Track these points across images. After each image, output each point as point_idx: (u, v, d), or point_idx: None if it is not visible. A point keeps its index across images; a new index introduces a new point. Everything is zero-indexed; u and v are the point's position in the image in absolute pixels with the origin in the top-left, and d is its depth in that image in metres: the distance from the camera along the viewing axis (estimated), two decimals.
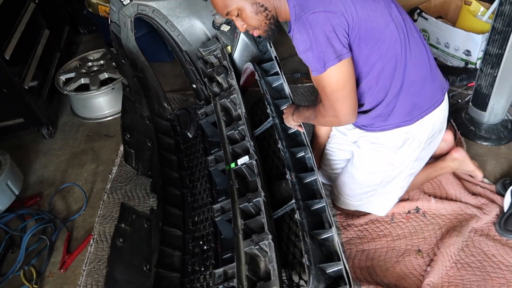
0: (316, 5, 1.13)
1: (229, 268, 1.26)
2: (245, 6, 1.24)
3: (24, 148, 2.40)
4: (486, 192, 1.75)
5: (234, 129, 1.62)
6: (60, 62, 2.71)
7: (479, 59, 2.28)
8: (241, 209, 1.36)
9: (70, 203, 2.05)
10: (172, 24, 1.96)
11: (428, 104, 1.35)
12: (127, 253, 1.25)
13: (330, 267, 1.14)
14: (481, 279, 1.48)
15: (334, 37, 1.13)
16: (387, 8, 1.20)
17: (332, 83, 1.18)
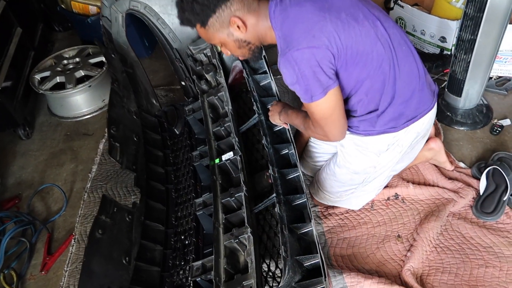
0: (299, 41, 1.14)
1: (208, 261, 1.26)
2: (227, 41, 1.27)
3: (0, 150, 2.35)
4: (462, 176, 1.79)
5: (220, 126, 1.63)
6: (34, 61, 2.65)
7: (454, 45, 2.30)
8: (223, 203, 1.37)
9: (49, 204, 2.02)
10: (164, 22, 1.96)
11: (414, 113, 1.36)
12: (106, 245, 1.24)
13: (307, 260, 1.15)
14: (461, 261, 1.51)
15: (320, 71, 1.15)
16: (372, 29, 1.20)
17: (319, 111, 1.23)
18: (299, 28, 1.15)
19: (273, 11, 1.21)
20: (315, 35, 1.13)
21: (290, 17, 1.18)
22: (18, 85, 2.42)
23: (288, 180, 1.38)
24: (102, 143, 2.27)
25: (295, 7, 1.18)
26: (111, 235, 1.26)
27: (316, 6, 1.17)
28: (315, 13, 1.15)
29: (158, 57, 2.87)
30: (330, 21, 1.14)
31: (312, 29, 1.14)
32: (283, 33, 1.19)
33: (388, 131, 1.38)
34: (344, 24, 1.15)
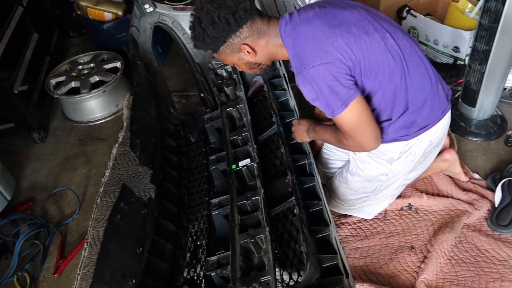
0: (313, 58, 1.16)
1: (223, 257, 1.29)
2: (239, 63, 1.32)
3: (15, 153, 2.38)
4: (476, 188, 1.77)
5: (238, 135, 1.68)
6: (50, 66, 2.69)
7: (468, 55, 2.30)
8: (239, 206, 1.39)
9: (63, 208, 2.04)
10: (189, 37, 2.00)
11: (426, 121, 1.36)
12: (123, 231, 1.26)
13: (327, 260, 1.17)
14: (476, 275, 1.49)
15: (337, 84, 1.16)
16: (382, 41, 1.21)
17: (346, 123, 1.24)
18: (311, 45, 1.17)
19: (284, 30, 1.23)
20: (327, 51, 1.15)
21: (301, 36, 1.20)
22: (34, 90, 2.46)
23: (305, 188, 1.41)
24: (115, 147, 2.29)
25: (304, 24, 1.20)
26: (127, 222, 1.29)
27: (326, 22, 1.19)
28: (325, 30, 1.17)
29: (171, 64, 2.90)
30: (341, 36, 1.17)
31: (324, 46, 1.16)
32: (296, 52, 1.21)
33: (400, 139, 1.38)
34: (356, 37, 1.17)
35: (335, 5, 1.25)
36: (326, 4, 1.27)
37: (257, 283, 1.14)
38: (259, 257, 1.26)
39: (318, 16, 1.21)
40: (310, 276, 1.14)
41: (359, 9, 1.25)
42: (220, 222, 1.48)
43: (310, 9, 1.25)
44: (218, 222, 1.48)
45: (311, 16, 1.22)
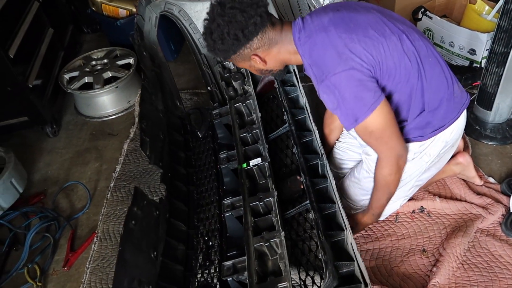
0: (334, 65, 1.15)
1: (238, 262, 1.27)
2: (250, 69, 1.34)
3: (28, 146, 2.40)
4: (491, 192, 1.74)
5: (247, 132, 1.66)
6: (64, 61, 2.71)
7: (484, 58, 2.26)
8: (251, 207, 1.38)
9: (74, 201, 2.05)
10: (195, 27, 1.99)
11: (441, 122, 1.35)
12: (137, 237, 1.25)
13: (344, 267, 1.15)
14: (489, 280, 1.47)
15: (362, 89, 1.15)
16: (399, 42, 1.20)
17: (373, 129, 1.21)
18: (330, 54, 1.16)
19: (298, 38, 1.23)
20: (347, 58, 1.14)
21: (317, 44, 1.18)
22: (47, 84, 2.48)
23: (317, 190, 1.40)
24: (126, 143, 2.29)
25: (320, 32, 1.19)
26: (141, 227, 1.27)
27: (341, 28, 1.17)
28: (342, 36, 1.16)
29: (183, 61, 2.91)
30: (358, 41, 1.15)
31: (343, 53, 1.14)
32: (314, 61, 1.20)
33: (415, 140, 1.36)
34: (373, 40, 1.16)
35: (349, 8, 1.24)
36: (340, 7, 1.25)
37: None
38: (273, 261, 1.25)
39: (333, 21, 1.19)
40: (329, 284, 1.13)
41: (373, 12, 1.24)
42: (232, 223, 1.46)
43: (324, 14, 1.23)
44: (231, 223, 1.46)
45: (325, 22, 1.20)
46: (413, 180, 1.51)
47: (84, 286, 1.67)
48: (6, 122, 2.28)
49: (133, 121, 2.45)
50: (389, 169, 1.31)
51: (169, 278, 1.37)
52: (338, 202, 1.33)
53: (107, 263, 1.74)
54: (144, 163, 2.17)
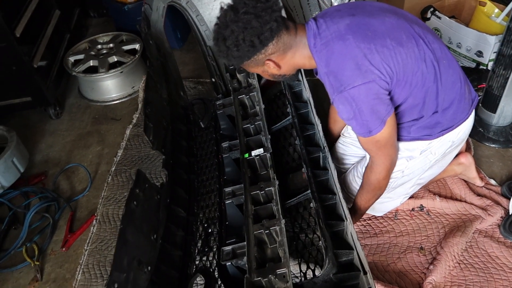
0: (353, 78, 1.14)
1: (238, 247, 1.28)
2: (263, 74, 1.32)
3: (30, 127, 2.40)
4: (491, 194, 1.74)
5: (250, 123, 1.66)
6: (69, 44, 2.70)
7: (491, 60, 2.25)
8: (252, 196, 1.38)
9: (74, 184, 2.06)
10: (202, 19, 1.98)
11: (450, 123, 1.35)
12: (138, 218, 1.25)
13: (343, 255, 1.17)
14: (484, 280, 1.47)
15: (378, 103, 1.16)
16: (416, 48, 1.19)
17: (380, 140, 1.24)
18: (349, 65, 1.14)
19: (314, 44, 1.21)
20: (366, 70, 1.13)
21: (335, 53, 1.16)
22: (52, 66, 2.48)
23: (319, 182, 1.41)
24: (129, 128, 2.29)
25: (338, 41, 1.16)
26: (142, 209, 1.28)
27: (359, 37, 1.15)
28: (360, 46, 1.14)
29: (189, 50, 2.90)
30: (377, 52, 1.14)
31: (362, 65, 1.14)
32: (331, 70, 1.18)
33: (423, 138, 1.36)
34: (391, 50, 1.15)
35: (364, 12, 1.22)
36: (355, 10, 1.22)
37: (273, 275, 1.13)
38: (272, 249, 1.26)
39: (350, 29, 1.17)
40: (328, 271, 1.14)
41: (389, 15, 1.22)
42: (232, 211, 1.46)
43: (339, 18, 1.20)
44: (231, 211, 1.47)
45: (342, 29, 1.17)
46: (415, 178, 1.52)
47: (81, 267, 1.68)
48: (10, 101, 2.27)
49: (136, 107, 2.45)
50: (384, 173, 1.35)
51: (168, 261, 1.38)
52: (338, 193, 1.34)
53: (105, 245, 1.75)
54: (145, 149, 2.18)
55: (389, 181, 1.41)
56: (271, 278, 1.13)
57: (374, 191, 1.42)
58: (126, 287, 1.11)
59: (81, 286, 1.63)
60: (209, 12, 1.99)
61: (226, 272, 1.28)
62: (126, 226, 1.17)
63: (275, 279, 1.13)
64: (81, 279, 1.65)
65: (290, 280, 1.12)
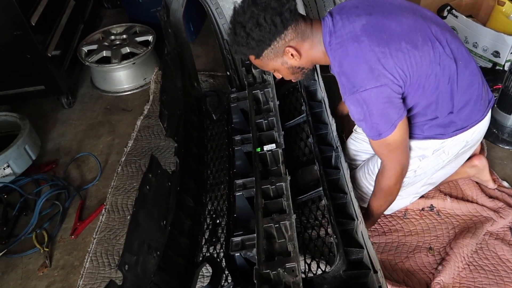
0: (366, 81, 1.13)
1: (247, 239, 1.28)
2: (281, 68, 1.26)
3: (43, 115, 2.43)
4: (504, 196, 1.72)
5: (263, 118, 1.67)
6: (83, 34, 2.72)
7: (508, 61, 2.21)
8: (263, 189, 1.39)
9: (84, 173, 2.07)
10: (221, 12, 1.99)
11: (465, 123, 1.33)
12: (150, 203, 1.26)
13: (353, 254, 1.17)
14: (494, 283, 1.45)
15: (389, 106, 1.16)
16: (432, 51, 1.17)
17: (391, 144, 1.24)
18: (362, 68, 1.14)
19: (329, 42, 1.19)
20: (379, 74, 1.13)
21: (349, 55, 1.15)
22: (66, 55, 2.49)
23: (330, 180, 1.41)
24: (139, 119, 2.30)
25: (353, 43, 1.15)
26: (154, 194, 1.29)
27: (375, 40, 1.14)
28: (375, 50, 1.13)
29: (201, 43, 2.90)
30: (391, 56, 1.13)
31: (376, 69, 1.13)
32: (344, 71, 1.17)
33: (436, 137, 1.35)
34: (405, 54, 1.14)
35: (383, 12, 1.19)
36: (373, 9, 1.19)
37: (282, 268, 1.13)
38: (280, 243, 1.26)
39: (366, 31, 1.15)
40: (339, 267, 1.14)
41: (407, 15, 1.19)
42: (242, 203, 1.47)
43: (355, 16, 1.18)
44: (240, 203, 1.47)
45: (358, 30, 1.15)
46: (426, 177, 1.50)
47: (90, 255, 1.70)
48: (23, 89, 2.30)
49: (147, 98, 2.46)
50: (395, 179, 1.34)
51: (175, 248, 1.39)
52: (350, 193, 1.33)
53: (114, 235, 1.76)
54: (155, 140, 2.19)
55: (400, 187, 1.40)
56: (279, 271, 1.13)
57: (386, 197, 1.42)
58: (136, 269, 1.12)
59: (89, 273, 1.64)
60: (228, 6, 2.00)
61: (234, 263, 1.28)
62: (139, 209, 1.18)
63: (284, 272, 1.14)
64: (89, 266, 1.66)
65: (300, 275, 1.13)
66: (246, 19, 1.13)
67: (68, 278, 1.65)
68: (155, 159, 1.33)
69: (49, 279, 1.66)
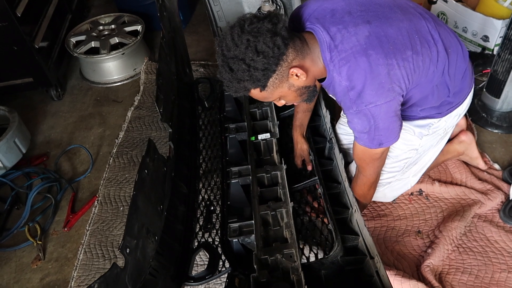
0: (376, 97, 1.11)
1: (245, 225, 1.29)
2: (288, 93, 1.18)
3: (32, 108, 2.40)
4: (492, 179, 1.74)
5: (257, 108, 1.67)
6: (71, 25, 2.68)
7: (497, 45, 2.22)
8: (258, 177, 1.40)
9: (76, 165, 2.07)
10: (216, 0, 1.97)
11: (458, 100, 1.35)
12: (148, 187, 1.26)
13: (348, 241, 1.19)
14: (482, 264, 1.48)
15: (396, 120, 1.17)
16: (430, 52, 1.17)
17: (378, 153, 1.25)
18: (374, 83, 1.10)
19: (330, 58, 1.13)
20: (389, 89, 1.11)
21: (358, 70, 1.11)
22: (54, 46, 2.46)
23: (323, 171, 1.44)
24: (130, 110, 2.29)
25: (360, 57, 1.10)
26: (151, 179, 1.28)
27: (382, 53, 1.10)
28: (384, 63, 1.10)
29: (191, 32, 2.87)
30: (398, 67, 1.12)
31: (386, 83, 1.11)
32: (353, 85, 1.12)
33: (432, 117, 1.37)
34: (410, 63, 1.13)
35: (379, 18, 1.15)
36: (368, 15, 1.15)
37: (280, 254, 1.15)
38: (275, 230, 1.28)
39: (371, 43, 1.11)
40: (337, 253, 1.16)
41: (399, 17, 1.16)
42: (236, 191, 1.47)
43: (354, 27, 1.12)
44: (235, 191, 1.47)
45: (363, 43, 1.11)
46: (426, 155, 1.52)
47: (83, 247, 1.70)
48: (11, 82, 2.27)
49: (138, 89, 2.44)
50: (369, 185, 1.38)
51: (171, 234, 1.40)
52: (344, 182, 1.35)
53: (107, 226, 1.77)
54: (147, 131, 2.18)
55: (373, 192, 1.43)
56: (278, 257, 1.15)
57: (360, 201, 1.43)
58: (136, 253, 1.12)
59: (83, 265, 1.65)
60: None
61: (231, 249, 1.29)
62: (138, 193, 1.17)
63: (282, 258, 1.15)
64: (83, 258, 1.67)
65: (298, 260, 1.14)
66: (243, 51, 1.05)
67: (62, 270, 1.66)
68: (152, 143, 1.32)
69: (43, 271, 1.67)
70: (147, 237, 1.21)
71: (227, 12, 2.02)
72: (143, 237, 1.19)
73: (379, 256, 1.14)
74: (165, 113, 1.54)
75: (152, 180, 1.29)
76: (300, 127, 1.62)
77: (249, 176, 1.42)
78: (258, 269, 1.13)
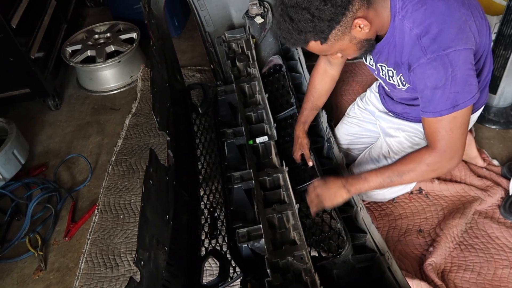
0: (456, 41, 1.02)
1: (253, 230, 1.27)
2: (348, 46, 1.11)
3: (30, 118, 2.41)
4: (491, 175, 1.74)
5: (253, 111, 1.68)
6: (66, 34, 2.69)
7: (493, 41, 2.23)
8: (260, 181, 1.41)
9: (75, 174, 2.07)
10: (203, 4, 1.97)
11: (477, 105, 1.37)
12: (154, 197, 1.24)
13: (356, 239, 1.21)
14: (485, 261, 1.48)
15: (473, 74, 1.06)
16: (485, 24, 1.15)
17: (457, 122, 1.09)
18: (453, 26, 1.03)
19: (402, 4, 1.07)
20: (468, 36, 1.04)
21: (436, 13, 1.04)
22: (50, 56, 2.47)
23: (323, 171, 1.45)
24: (128, 118, 2.29)
25: (439, 1, 1.05)
26: (156, 189, 1.26)
27: (460, 1, 1.07)
28: (462, 11, 1.05)
29: (187, 38, 2.88)
30: (473, 19, 1.08)
31: (465, 29, 1.04)
32: (428, 30, 1.04)
33: None
34: (478, 24, 1.10)
35: None
36: None
37: (291, 256, 1.15)
38: (281, 233, 1.28)
39: None
40: (349, 252, 1.17)
41: None
42: (240, 195, 1.45)
43: None
44: (238, 195, 1.46)
45: None
46: None
47: (84, 256, 1.70)
48: (8, 93, 2.28)
49: (135, 96, 2.44)
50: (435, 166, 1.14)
51: (179, 243, 1.38)
52: None
53: (108, 234, 1.77)
54: (145, 138, 2.18)
55: None
56: (289, 259, 1.15)
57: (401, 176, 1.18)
58: (150, 265, 1.10)
59: (84, 274, 1.65)
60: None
61: (240, 254, 1.28)
62: (146, 204, 1.15)
63: (293, 260, 1.16)
64: (84, 267, 1.67)
65: (310, 261, 1.15)
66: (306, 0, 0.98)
67: (64, 280, 1.66)
68: (153, 153, 1.31)
69: (45, 282, 1.66)
70: (158, 248, 1.19)
71: (214, 17, 2.02)
72: (154, 248, 1.16)
73: (390, 252, 1.14)
74: (162, 122, 1.54)
75: (156, 190, 1.28)
76: (304, 124, 1.59)
77: (252, 180, 1.41)
78: (272, 273, 1.13)
